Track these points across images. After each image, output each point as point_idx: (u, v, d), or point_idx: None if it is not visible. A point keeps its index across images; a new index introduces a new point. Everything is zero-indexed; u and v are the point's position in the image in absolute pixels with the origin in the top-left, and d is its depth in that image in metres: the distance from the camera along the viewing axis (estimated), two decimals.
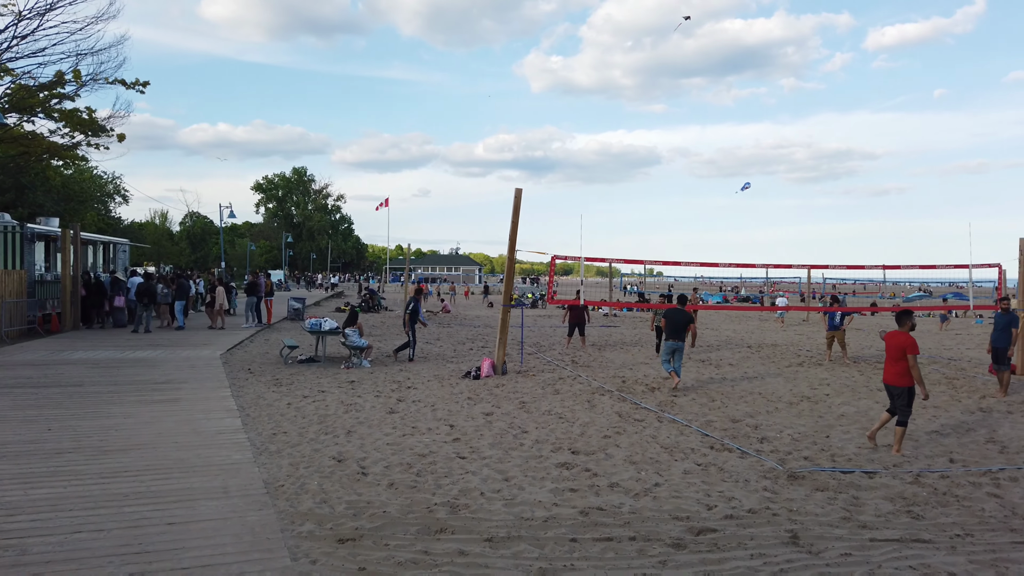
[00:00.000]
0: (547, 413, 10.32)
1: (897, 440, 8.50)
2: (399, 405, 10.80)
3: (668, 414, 10.48)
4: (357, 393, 11.86)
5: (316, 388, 12.28)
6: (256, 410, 10.22)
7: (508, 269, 14.27)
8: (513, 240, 14.13)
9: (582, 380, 13.71)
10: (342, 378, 13.54)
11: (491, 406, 10.82)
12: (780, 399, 12.13)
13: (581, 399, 11.57)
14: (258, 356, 16.59)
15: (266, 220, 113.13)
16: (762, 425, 9.91)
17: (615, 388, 12.85)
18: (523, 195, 13.97)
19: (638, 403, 11.31)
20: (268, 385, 12.49)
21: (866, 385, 13.78)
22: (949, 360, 18.32)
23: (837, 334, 17.68)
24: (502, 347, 14.37)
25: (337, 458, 7.58)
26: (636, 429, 9.37)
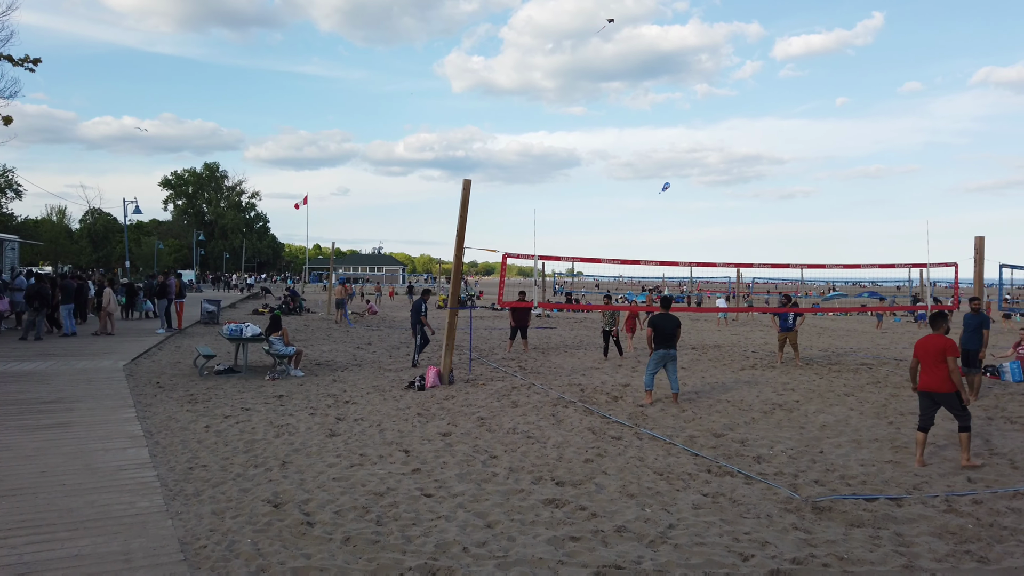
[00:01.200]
0: (512, 431, 9.07)
1: (965, 448, 7.88)
2: (340, 426, 9.34)
3: (645, 429, 9.40)
4: (288, 411, 10.32)
5: (239, 405, 10.67)
6: (167, 436, 8.59)
7: (455, 268, 12.96)
8: (461, 236, 12.82)
9: (538, 389, 12.53)
10: (268, 392, 11.94)
11: (447, 424, 9.49)
12: (752, 407, 11.26)
13: (544, 412, 10.37)
14: (168, 367, 14.72)
15: (175, 218, 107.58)
16: (748, 440, 8.94)
17: (576, 398, 11.71)
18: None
19: (608, 416, 10.20)
20: (181, 403, 10.79)
21: (831, 390, 13.10)
22: (897, 361, 18.03)
23: (790, 335, 17.10)
24: (449, 354, 13.04)
25: (273, 501, 6.12)
26: (617, 449, 8.23)
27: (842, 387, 13.43)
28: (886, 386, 13.58)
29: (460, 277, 13.06)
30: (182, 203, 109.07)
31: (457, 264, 12.94)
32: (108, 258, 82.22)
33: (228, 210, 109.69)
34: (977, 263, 14.65)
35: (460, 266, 12.97)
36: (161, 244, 79.68)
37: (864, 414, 10.87)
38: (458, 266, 12.97)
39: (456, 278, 13.06)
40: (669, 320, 11.65)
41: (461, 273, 13.07)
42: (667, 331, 11.56)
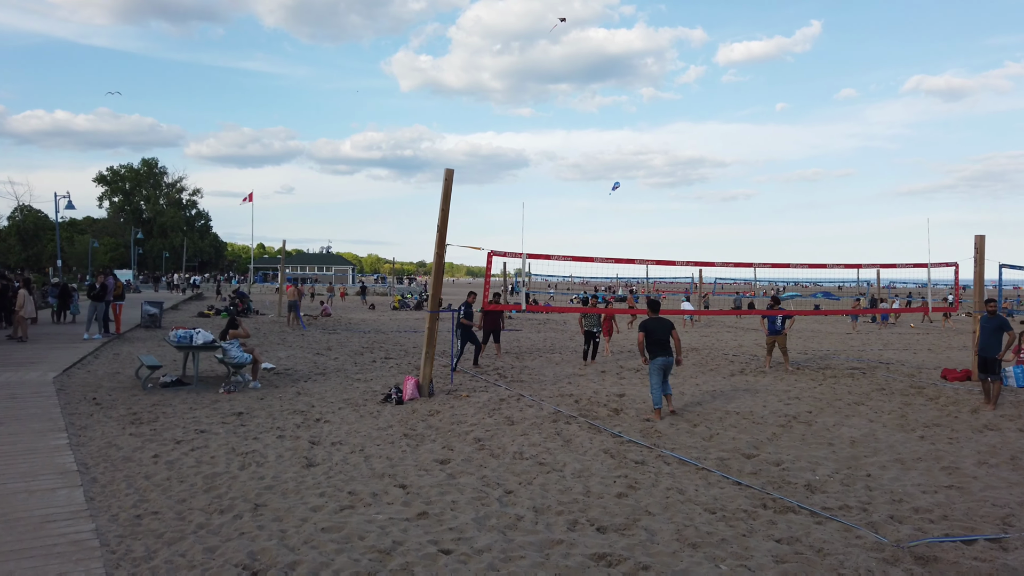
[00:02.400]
0: (519, 457, 7.84)
1: None
2: (316, 452, 7.97)
3: (666, 451, 8.27)
4: (251, 432, 8.89)
5: (192, 426, 9.18)
6: (107, 470, 7.10)
7: (436, 267, 11.65)
8: (443, 232, 11.53)
9: (529, 401, 11.32)
10: (225, 408, 10.45)
11: (441, 447, 8.20)
12: (765, 421, 10.27)
13: (546, 431, 9.17)
14: (106, 378, 13.04)
15: (111, 215, 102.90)
16: (784, 462, 7.90)
17: (574, 411, 10.55)
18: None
19: (619, 435, 9.05)
20: (123, 424, 9.25)
21: (838, 398, 12.23)
22: (887, 363, 17.39)
23: (779, 339, 16.27)
24: (429, 363, 11.73)
25: (250, 568, 4.76)
26: (647, 478, 7.08)
27: (847, 395, 12.58)
28: (892, 393, 12.79)
29: (441, 277, 11.76)
30: (118, 200, 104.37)
31: (439, 263, 11.64)
32: (38, 257, 77.93)
33: (167, 208, 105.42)
34: (977, 263, 13.99)
35: (442, 264, 11.67)
36: (96, 243, 75.82)
37: (888, 427, 9.98)
38: (439, 264, 11.66)
39: (437, 278, 11.76)
40: (662, 324, 10.61)
41: (443, 273, 11.77)
42: (661, 336, 10.53)
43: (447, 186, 11.53)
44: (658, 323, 10.63)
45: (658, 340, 10.50)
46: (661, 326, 10.58)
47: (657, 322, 10.65)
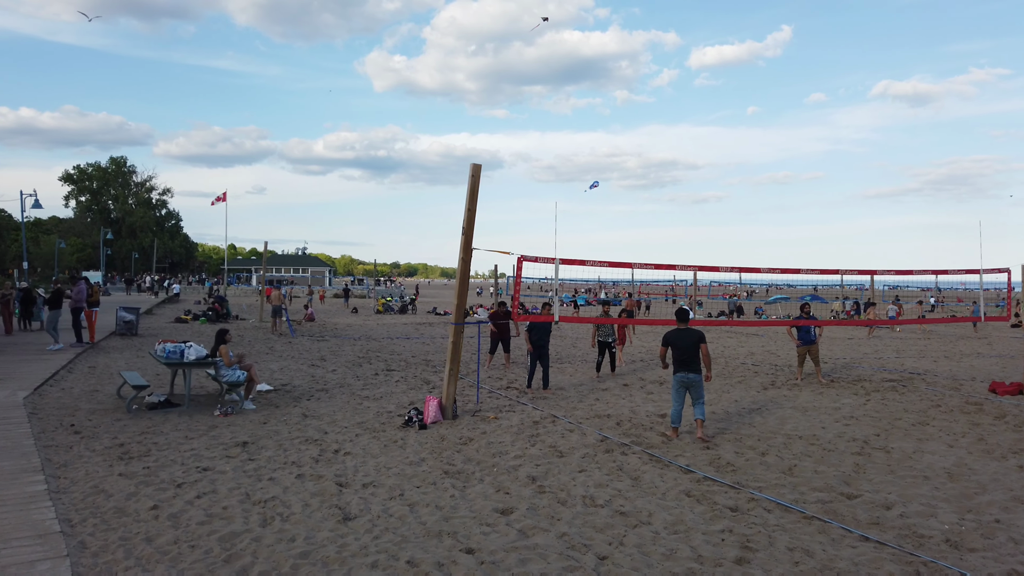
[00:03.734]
0: (590, 503, 6.62)
1: None
2: (347, 497, 6.68)
3: (755, 491, 7.12)
4: (263, 469, 7.58)
5: (192, 462, 7.83)
6: (98, 529, 5.77)
7: (462, 271, 10.39)
8: (469, 233, 10.29)
9: (567, 425, 10.12)
10: (225, 436, 9.11)
11: (493, 490, 6.95)
12: (835, 447, 9.18)
13: (605, 465, 7.97)
14: (84, 398, 11.59)
15: (78, 215, 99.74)
16: (894, 504, 6.78)
17: (622, 437, 9.37)
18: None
19: (691, 470, 7.87)
20: (110, 459, 7.88)
21: (897, 417, 11.19)
22: (918, 374, 16.45)
23: (811, 349, 15.25)
24: (453, 381, 10.47)
25: None
26: (759, 534, 5.91)
27: (904, 413, 11.55)
28: (951, 410, 11.78)
29: (467, 283, 10.51)
30: (86, 199, 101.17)
31: (464, 268, 10.39)
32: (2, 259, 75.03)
33: (137, 207, 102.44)
34: None
35: (468, 269, 10.43)
36: (63, 243, 73.19)
37: (973, 453, 8.93)
38: (465, 269, 10.41)
39: (463, 285, 10.50)
40: (687, 336, 9.42)
41: (468, 279, 10.52)
42: (686, 349, 9.34)
43: (474, 183, 10.30)
44: (682, 335, 9.46)
45: (682, 354, 9.35)
46: (685, 338, 9.40)
47: (681, 334, 9.48)
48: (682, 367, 9.32)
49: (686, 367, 9.29)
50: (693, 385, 9.34)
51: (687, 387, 9.35)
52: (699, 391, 9.34)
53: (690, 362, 9.28)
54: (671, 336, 9.52)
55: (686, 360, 9.29)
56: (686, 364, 9.29)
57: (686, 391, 9.40)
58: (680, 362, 9.34)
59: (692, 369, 9.27)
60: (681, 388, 9.38)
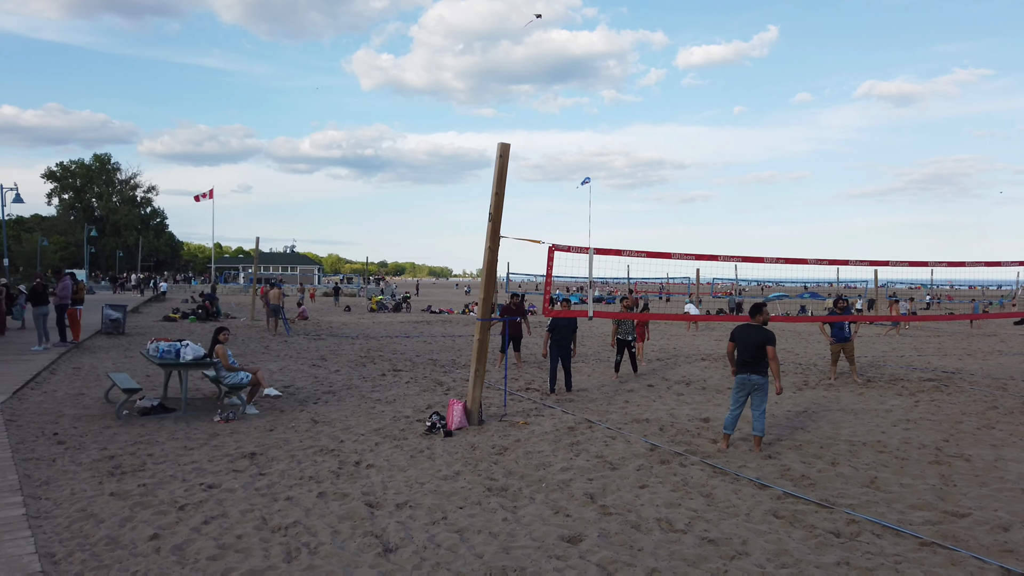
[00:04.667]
0: (669, 528, 5.66)
1: None
2: (382, 522, 5.68)
3: (846, 509, 6.19)
4: (277, 486, 6.57)
5: (195, 477, 6.82)
6: (87, 565, 4.75)
7: (489, 261, 9.40)
8: (497, 220, 9.32)
9: (605, 431, 9.17)
10: (229, 445, 8.09)
11: (551, 511, 5.98)
12: (906, 455, 8.29)
13: (666, 479, 7.02)
14: (69, 402, 10.53)
15: (61, 213, 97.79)
16: (1014, 526, 5.88)
17: (673, 445, 8.42)
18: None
19: (766, 484, 6.94)
20: (99, 475, 6.85)
21: (958, 420, 10.33)
22: (952, 373, 15.61)
23: (845, 347, 14.38)
24: (479, 383, 9.50)
25: None
26: (872, 562, 4.97)
27: (961, 415, 10.69)
28: (1011, 412, 10.93)
29: (495, 275, 9.54)
30: (69, 197, 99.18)
31: (491, 257, 9.41)
32: None
33: (121, 205, 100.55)
34: None
35: (495, 259, 9.45)
36: (45, 241, 71.51)
37: None
38: (493, 259, 9.43)
39: (490, 277, 9.53)
40: (753, 334, 8.36)
41: (496, 270, 9.55)
42: (750, 349, 8.28)
43: (501, 164, 9.31)
44: (747, 332, 8.41)
45: (744, 354, 8.33)
46: (750, 336, 8.35)
47: (746, 331, 8.44)
48: (744, 368, 8.35)
49: (748, 368, 8.32)
50: (755, 390, 8.33)
51: (748, 392, 8.39)
52: (761, 399, 8.34)
53: (754, 364, 8.29)
54: (737, 332, 8.55)
55: (749, 361, 8.31)
56: (749, 366, 8.32)
57: (747, 396, 8.44)
58: (743, 363, 8.37)
59: (756, 371, 8.29)
60: (741, 392, 8.42)
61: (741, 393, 8.42)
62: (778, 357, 8.48)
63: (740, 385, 8.40)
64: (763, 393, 8.33)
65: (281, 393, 10.91)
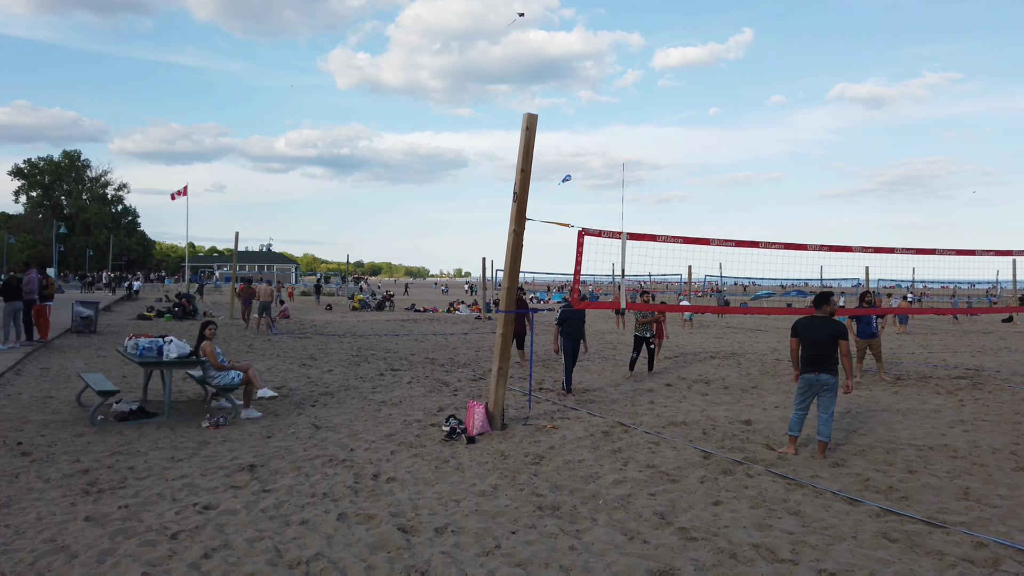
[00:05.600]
0: (772, 556, 4.70)
1: None
2: (420, 550, 4.65)
3: (963, 529, 5.28)
4: (287, 507, 5.52)
5: (186, 495, 5.74)
6: None
7: (513, 247, 8.39)
8: (523, 200, 8.32)
9: (639, 433, 8.22)
10: (223, 456, 7.01)
11: (619, 534, 4.98)
12: (976, 458, 7.44)
13: (742, 494, 6.07)
14: (35, 407, 9.35)
15: (28, 211, 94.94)
16: None
17: (727, 452, 7.49)
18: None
19: (857, 499, 6.01)
20: (71, 495, 5.75)
21: (1015, 420, 9.52)
22: (977, 370, 14.88)
23: (872, 343, 13.59)
24: (502, 383, 8.50)
25: None
26: None
27: (1014, 415, 9.90)
28: None
29: (519, 262, 8.54)
30: (37, 195, 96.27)
31: (517, 241, 8.40)
32: None
33: (91, 203, 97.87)
34: None
35: (520, 243, 8.45)
36: (12, 239, 69.18)
37: None
38: (518, 243, 8.42)
39: (515, 264, 8.52)
40: (822, 327, 7.41)
41: (520, 256, 8.54)
42: (819, 344, 7.33)
43: (528, 137, 8.32)
44: (814, 326, 7.46)
45: (816, 349, 7.35)
46: (818, 330, 7.40)
47: (813, 324, 7.47)
48: (812, 366, 7.40)
49: (817, 366, 7.37)
50: (825, 391, 7.39)
51: (816, 393, 7.45)
52: (830, 400, 7.40)
53: (823, 361, 7.34)
54: (801, 326, 7.59)
55: (817, 358, 7.36)
56: (817, 363, 7.36)
57: (814, 397, 7.51)
58: (810, 360, 7.41)
59: (825, 370, 7.35)
60: (807, 392, 7.49)
61: (808, 394, 7.50)
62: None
63: (807, 385, 7.46)
64: (833, 394, 7.40)
65: (276, 394, 9.80)
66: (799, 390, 7.58)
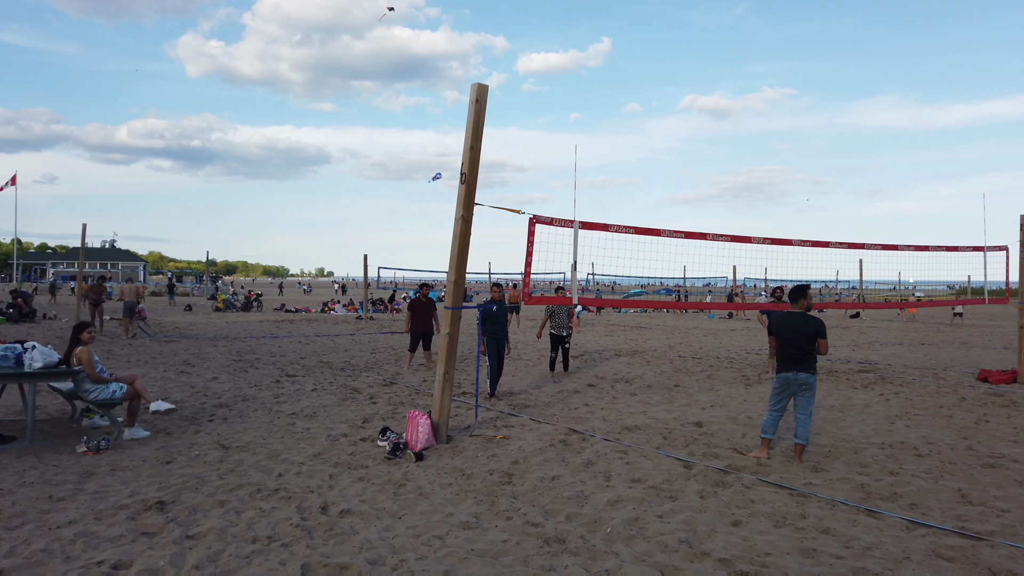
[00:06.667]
0: None
1: None
2: None
3: (1006, 540, 4.85)
4: (226, 559, 4.28)
5: (86, 553, 4.35)
6: None
7: (460, 235, 7.38)
8: (472, 183, 7.35)
9: (599, 441, 7.47)
10: (120, 493, 5.57)
11: (653, 571, 4.16)
12: (941, 455, 7.27)
13: (755, 509, 5.40)
14: None
15: None
16: None
17: (710, 461, 6.86)
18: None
19: (879, 512, 5.50)
20: None
21: (944, 414, 9.58)
22: (887, 364, 15.35)
23: None
24: (448, 390, 7.47)
25: None
26: None
27: (938, 408, 9.99)
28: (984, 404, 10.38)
29: (467, 253, 7.52)
30: None
31: (465, 228, 7.39)
32: None
33: None
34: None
35: (468, 231, 7.44)
36: None
37: None
38: (466, 231, 7.41)
39: (461, 254, 7.49)
40: (802, 323, 6.93)
41: (468, 246, 7.53)
42: (796, 342, 6.88)
43: (478, 111, 7.34)
44: (791, 322, 6.98)
45: (793, 347, 6.91)
46: (796, 327, 6.92)
47: (790, 321, 7.00)
48: (789, 365, 6.91)
49: (795, 365, 6.88)
50: (803, 391, 6.91)
51: (793, 392, 6.97)
52: (808, 400, 6.92)
53: (801, 360, 6.86)
54: (778, 323, 7.09)
55: (795, 356, 6.88)
56: (795, 362, 6.88)
57: (790, 398, 7.03)
58: (787, 358, 6.92)
59: (804, 368, 6.87)
60: (784, 392, 7.00)
61: (785, 394, 7.01)
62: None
63: (784, 385, 6.97)
64: (811, 394, 6.94)
65: (175, 406, 8.21)
66: (775, 390, 7.09)
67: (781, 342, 7.01)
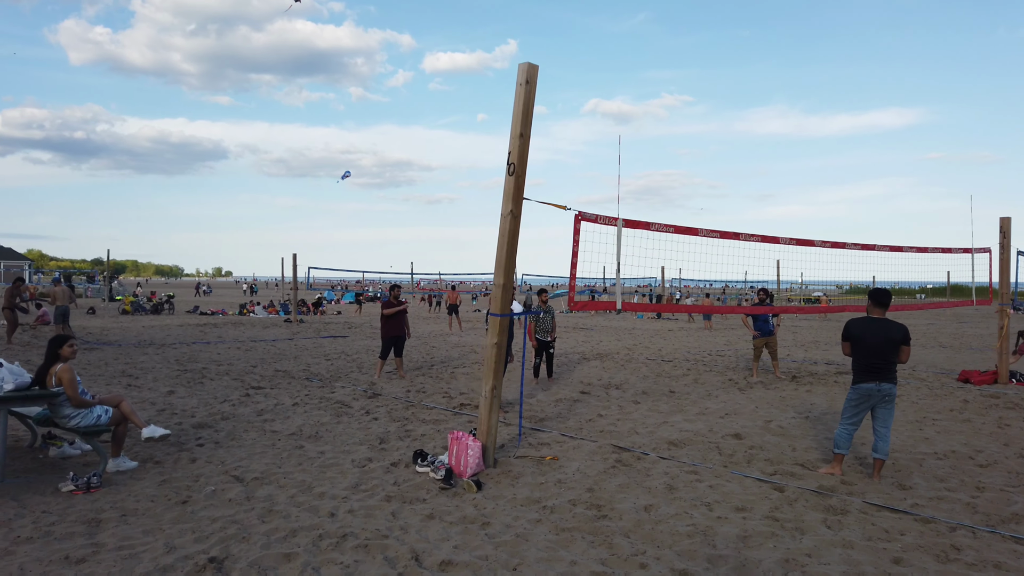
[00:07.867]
0: None
1: None
2: None
3: None
4: None
5: None
6: None
7: (510, 232, 6.54)
8: (521, 170, 6.55)
9: (656, 459, 6.82)
10: (155, 549, 4.49)
11: None
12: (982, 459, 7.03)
13: (883, 535, 4.87)
14: None
15: None
16: None
17: (792, 480, 6.32)
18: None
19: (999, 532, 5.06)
20: None
21: (924, 416, 9.48)
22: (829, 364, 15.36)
23: (769, 341, 13.41)
24: (496, 406, 6.63)
25: None
26: None
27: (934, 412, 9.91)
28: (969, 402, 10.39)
29: (515, 255, 6.70)
30: None
31: (514, 225, 6.57)
32: None
33: None
34: (1004, 248, 12.33)
35: (517, 228, 6.63)
36: None
37: None
38: (515, 228, 6.60)
39: (510, 256, 6.66)
40: (885, 330, 6.40)
41: (516, 245, 6.71)
42: (879, 351, 6.37)
43: (527, 94, 6.56)
44: (873, 328, 6.44)
45: (872, 356, 6.36)
46: (879, 334, 6.40)
47: (872, 327, 6.46)
48: (872, 375, 6.39)
49: (876, 375, 6.38)
50: (884, 402, 6.41)
51: (874, 404, 6.48)
52: (888, 413, 6.43)
53: (884, 369, 6.37)
54: (856, 327, 6.56)
55: (878, 366, 6.37)
56: (877, 372, 6.37)
57: (868, 410, 6.54)
58: (868, 368, 6.39)
59: (886, 379, 6.39)
60: (863, 404, 6.50)
61: (864, 406, 6.52)
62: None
63: (864, 397, 6.47)
64: (892, 405, 6.49)
65: (169, 431, 6.96)
66: (852, 402, 6.60)
67: (862, 351, 6.50)
